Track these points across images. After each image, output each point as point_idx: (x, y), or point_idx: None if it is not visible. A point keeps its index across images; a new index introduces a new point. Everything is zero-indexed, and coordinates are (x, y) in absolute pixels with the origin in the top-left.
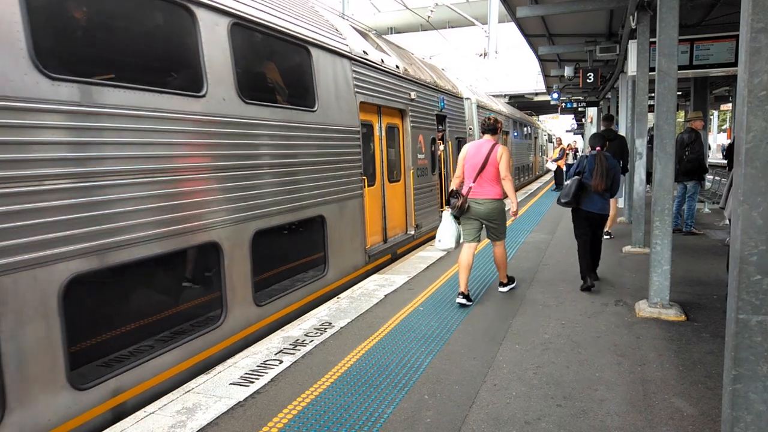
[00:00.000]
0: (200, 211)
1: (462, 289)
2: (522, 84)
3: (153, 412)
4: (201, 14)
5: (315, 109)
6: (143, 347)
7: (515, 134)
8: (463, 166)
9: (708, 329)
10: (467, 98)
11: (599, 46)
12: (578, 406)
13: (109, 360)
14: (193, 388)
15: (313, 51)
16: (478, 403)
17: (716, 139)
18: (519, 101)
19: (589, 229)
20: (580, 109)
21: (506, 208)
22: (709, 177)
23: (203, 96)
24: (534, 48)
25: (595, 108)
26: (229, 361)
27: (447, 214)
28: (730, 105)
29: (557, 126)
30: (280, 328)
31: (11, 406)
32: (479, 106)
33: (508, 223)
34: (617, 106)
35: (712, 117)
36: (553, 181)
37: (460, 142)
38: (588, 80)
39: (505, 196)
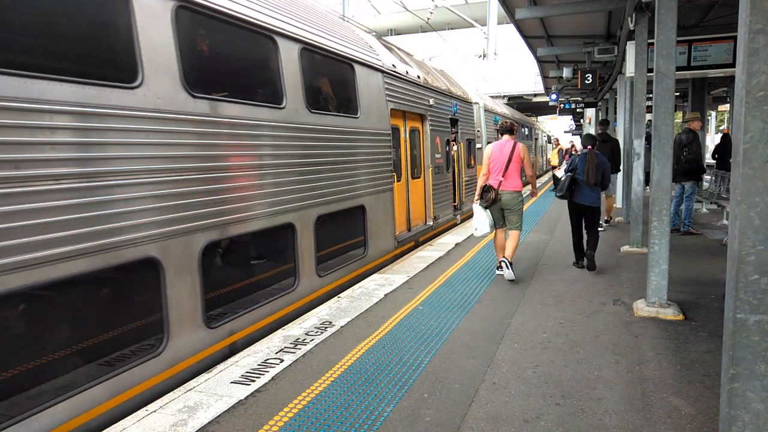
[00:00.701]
0: (282, 198)
1: (499, 258)
2: (521, 85)
3: (155, 411)
4: (281, 42)
5: (358, 116)
6: (246, 302)
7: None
8: (489, 164)
9: (706, 328)
10: (476, 103)
11: (597, 47)
12: (577, 405)
13: (225, 309)
14: (194, 387)
15: (356, 67)
16: (477, 402)
17: (714, 140)
18: (518, 102)
19: (581, 219)
20: (578, 110)
21: (524, 196)
22: (706, 177)
23: (283, 108)
24: (533, 49)
25: (594, 109)
26: (230, 360)
27: (477, 206)
28: (728, 106)
29: (556, 127)
30: (335, 296)
31: (171, 336)
32: (486, 110)
33: (525, 207)
34: (615, 107)
35: (710, 118)
36: (551, 182)
37: (470, 143)
38: (586, 81)
39: (525, 184)
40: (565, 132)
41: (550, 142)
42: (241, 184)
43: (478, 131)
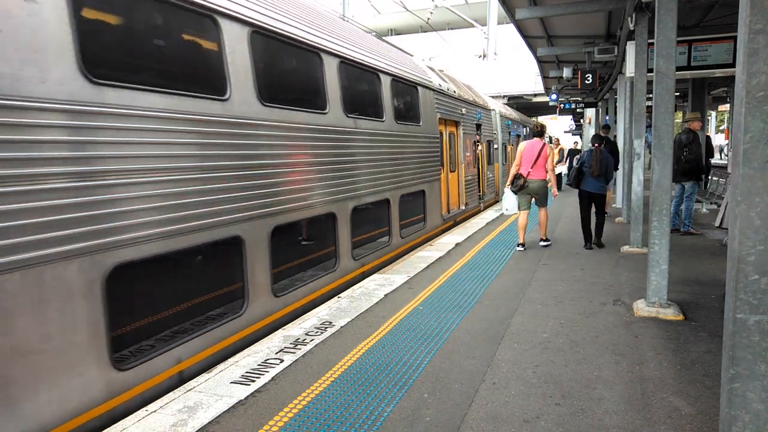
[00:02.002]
0: (383, 182)
1: (521, 240)
2: (521, 85)
3: (154, 411)
4: (383, 76)
5: (420, 124)
6: (304, 277)
7: (516, 135)
8: (521, 158)
9: (706, 328)
10: (493, 110)
11: (598, 47)
12: (577, 405)
13: (284, 281)
14: (194, 387)
15: (419, 89)
16: (477, 402)
17: (714, 140)
18: (518, 102)
19: (589, 205)
20: (578, 110)
21: (548, 187)
22: (713, 178)
23: (384, 121)
24: (533, 49)
25: (594, 109)
26: (230, 360)
27: (508, 190)
28: (728, 106)
29: (556, 127)
30: (411, 252)
31: (249, 302)
32: (501, 116)
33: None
34: (615, 107)
35: (710, 118)
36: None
37: (489, 144)
38: (586, 81)
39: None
40: (565, 132)
41: (551, 143)
42: (332, 175)
43: (494, 134)
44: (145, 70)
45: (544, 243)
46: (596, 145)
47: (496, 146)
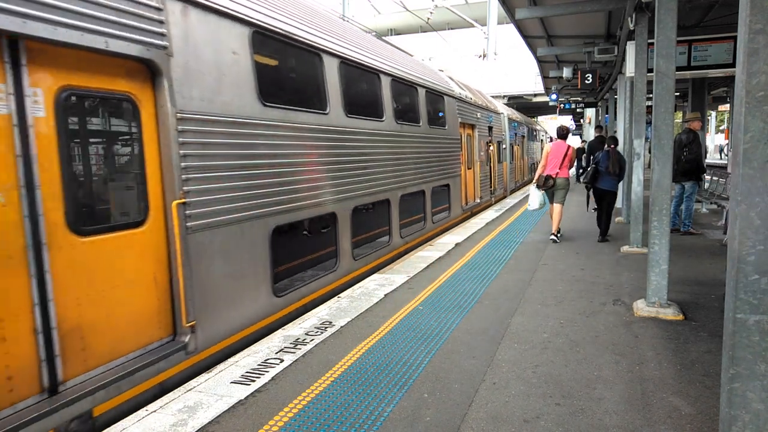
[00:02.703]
0: (420, 177)
1: (554, 231)
2: (521, 85)
3: (155, 411)
4: (419, 89)
5: (446, 128)
6: (372, 246)
7: (519, 136)
8: (546, 158)
9: (706, 328)
10: (501, 113)
11: (598, 47)
12: (577, 405)
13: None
14: (194, 387)
15: (445, 98)
16: (477, 402)
17: (714, 140)
18: (518, 102)
19: (604, 202)
20: (578, 110)
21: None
22: (706, 177)
23: (420, 126)
24: (533, 49)
25: (594, 109)
26: (230, 360)
27: (534, 188)
28: (728, 106)
29: (556, 126)
30: (438, 235)
31: (339, 262)
32: (509, 119)
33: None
34: (615, 107)
35: (710, 118)
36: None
37: (499, 144)
38: (586, 81)
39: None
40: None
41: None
42: (381, 170)
43: (503, 134)
44: (289, 95)
45: (555, 237)
46: (612, 146)
47: (504, 146)
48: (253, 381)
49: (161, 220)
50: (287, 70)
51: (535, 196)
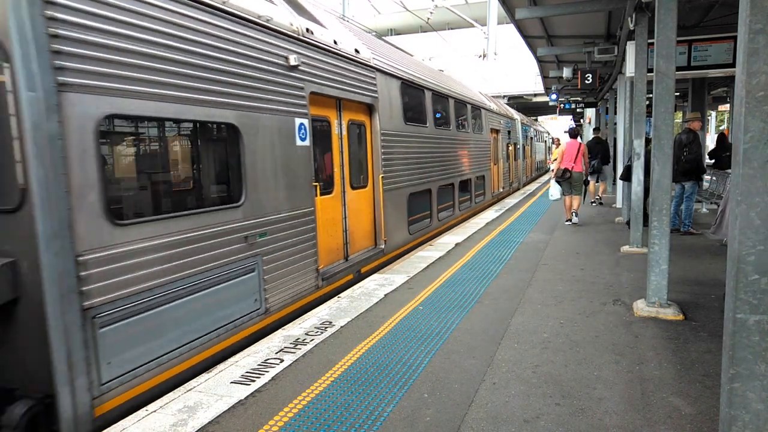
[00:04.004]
0: (468, 168)
1: (568, 216)
2: (521, 85)
3: (154, 411)
4: (484, 111)
5: (482, 133)
6: (445, 215)
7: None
8: (563, 155)
9: (706, 328)
10: (516, 119)
11: (598, 47)
12: (577, 405)
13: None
14: (194, 387)
15: (482, 111)
16: (477, 402)
17: (714, 140)
18: (518, 102)
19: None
20: (578, 110)
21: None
22: (706, 177)
23: (468, 132)
24: (533, 49)
25: (594, 109)
26: (230, 360)
27: (554, 181)
28: (728, 106)
29: (556, 127)
30: (467, 219)
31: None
32: (521, 123)
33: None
34: (615, 107)
35: (710, 118)
36: (549, 185)
37: (515, 145)
38: (586, 81)
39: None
40: (564, 132)
41: (552, 142)
42: (451, 163)
43: (518, 137)
44: (413, 116)
45: (575, 221)
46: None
47: (519, 146)
48: (253, 381)
49: (372, 184)
50: (412, 101)
51: (555, 187)
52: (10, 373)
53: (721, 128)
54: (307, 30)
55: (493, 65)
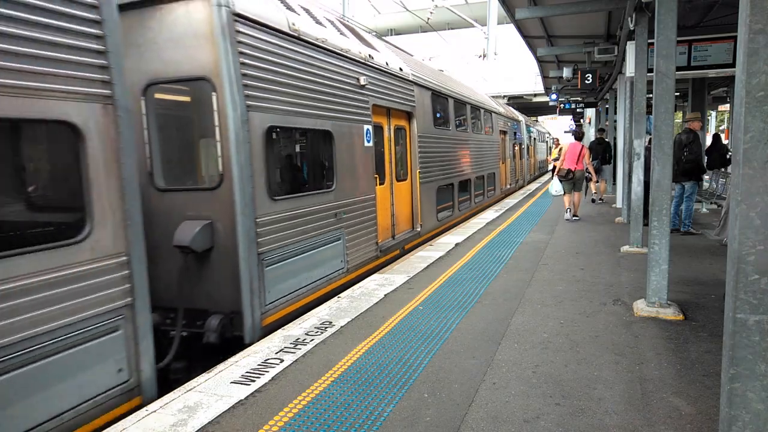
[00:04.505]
0: (481, 165)
1: (574, 212)
2: (521, 85)
3: (154, 411)
4: (494, 115)
5: (492, 135)
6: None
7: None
8: (565, 155)
9: (706, 328)
10: (521, 120)
11: (598, 47)
12: (577, 405)
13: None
14: (194, 387)
15: (492, 114)
16: (477, 402)
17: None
18: (518, 102)
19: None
20: (578, 110)
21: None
22: (706, 177)
23: (482, 133)
24: (533, 49)
25: (594, 109)
26: (230, 360)
27: (556, 179)
28: (728, 106)
29: (556, 127)
30: (480, 212)
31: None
32: (525, 125)
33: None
34: (615, 107)
35: (710, 118)
36: (549, 185)
37: (520, 145)
38: (586, 81)
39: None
40: (565, 132)
41: (552, 143)
42: (457, 160)
43: (522, 137)
44: (440, 120)
45: (575, 218)
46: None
47: (523, 146)
48: (253, 381)
49: (411, 178)
50: (439, 108)
51: (557, 184)
52: (202, 298)
53: (721, 128)
54: (369, 56)
55: (493, 65)
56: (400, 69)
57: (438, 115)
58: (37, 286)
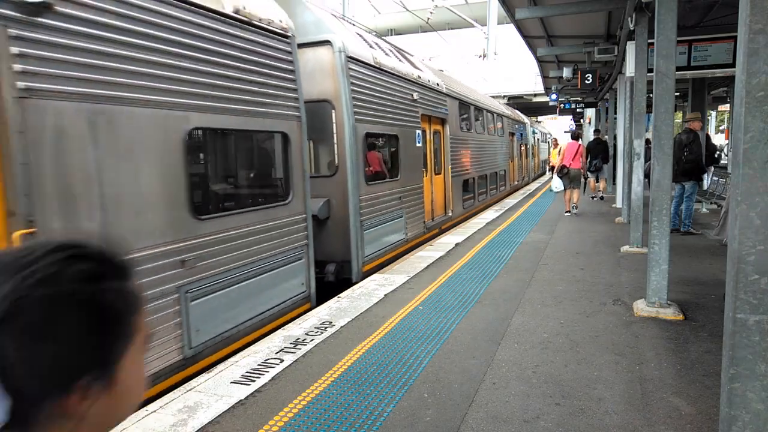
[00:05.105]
0: (495, 161)
1: (567, 208)
2: (521, 85)
3: (154, 411)
4: (504, 119)
5: (504, 135)
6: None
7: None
8: (564, 154)
9: (706, 328)
10: (526, 123)
11: (598, 47)
12: (577, 405)
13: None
14: (194, 387)
15: (503, 118)
16: (477, 402)
17: (714, 140)
18: (518, 102)
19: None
20: (578, 110)
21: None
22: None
23: (494, 134)
24: (533, 49)
25: (594, 109)
26: (230, 360)
27: (555, 175)
28: (728, 106)
29: (556, 127)
30: (493, 204)
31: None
32: (530, 126)
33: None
34: (615, 107)
35: (710, 118)
36: (549, 185)
37: (526, 145)
38: (586, 81)
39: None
40: (565, 132)
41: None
42: (477, 158)
43: (528, 138)
44: (464, 124)
45: (574, 212)
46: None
47: (528, 147)
48: (253, 381)
49: (444, 172)
50: (464, 113)
51: (557, 181)
52: (322, 252)
53: (721, 128)
54: (419, 76)
55: (493, 65)
56: (437, 84)
57: (463, 120)
58: (271, 226)
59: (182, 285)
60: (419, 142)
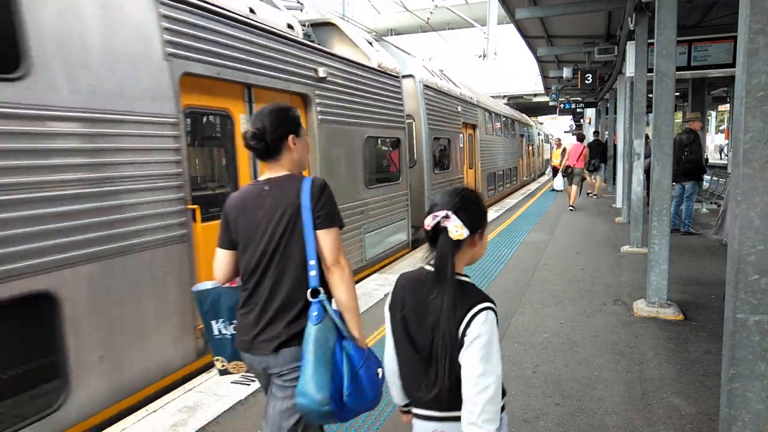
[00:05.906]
0: (506, 159)
1: (571, 203)
2: (521, 85)
3: (154, 411)
4: (517, 124)
5: (515, 138)
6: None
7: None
8: (568, 155)
9: (706, 328)
10: (531, 124)
11: (598, 47)
12: (577, 405)
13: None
14: (194, 387)
15: (515, 122)
16: None
17: (714, 140)
18: (518, 102)
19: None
20: (578, 110)
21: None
22: (706, 177)
23: (508, 137)
24: (533, 49)
25: (594, 109)
26: None
27: (559, 174)
28: (728, 106)
29: (556, 127)
30: (507, 195)
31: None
32: (536, 128)
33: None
34: (615, 107)
35: (710, 118)
36: (550, 183)
37: (532, 145)
38: (586, 81)
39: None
40: (565, 132)
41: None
42: (497, 156)
43: (534, 139)
44: (489, 128)
45: (571, 209)
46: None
47: (534, 147)
48: (254, 381)
49: (476, 167)
50: (488, 119)
51: (559, 179)
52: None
53: (721, 128)
54: (460, 93)
55: (493, 65)
56: (471, 97)
57: (488, 125)
58: (392, 195)
59: (361, 225)
60: (461, 143)
